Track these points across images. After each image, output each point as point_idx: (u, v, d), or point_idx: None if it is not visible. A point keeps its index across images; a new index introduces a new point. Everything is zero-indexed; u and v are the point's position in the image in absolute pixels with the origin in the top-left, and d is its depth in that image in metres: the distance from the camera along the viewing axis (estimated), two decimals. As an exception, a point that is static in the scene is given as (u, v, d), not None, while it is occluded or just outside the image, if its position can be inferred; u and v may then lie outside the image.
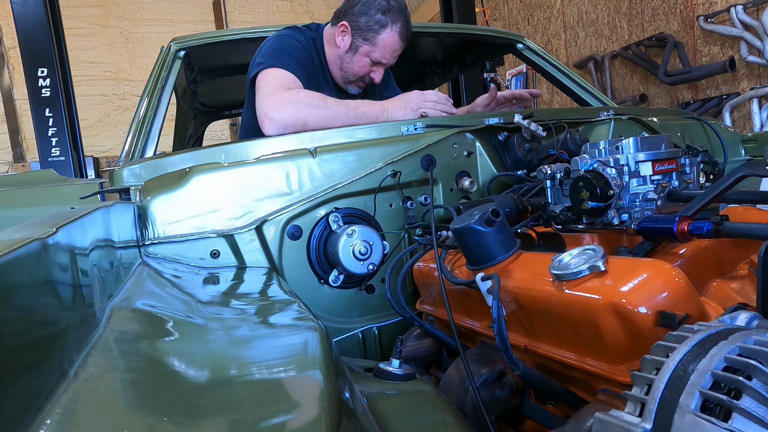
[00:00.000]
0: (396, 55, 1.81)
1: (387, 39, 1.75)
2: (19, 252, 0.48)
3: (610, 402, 0.71)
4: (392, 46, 1.77)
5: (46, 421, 0.42)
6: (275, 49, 1.71)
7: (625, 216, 0.90)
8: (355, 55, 1.77)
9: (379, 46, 1.75)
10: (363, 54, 1.77)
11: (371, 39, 1.74)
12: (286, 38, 1.77)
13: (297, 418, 0.46)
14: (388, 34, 1.75)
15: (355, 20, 1.74)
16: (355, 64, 1.79)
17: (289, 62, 1.66)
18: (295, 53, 1.71)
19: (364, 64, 1.79)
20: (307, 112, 1.46)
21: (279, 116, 1.45)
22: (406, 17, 1.77)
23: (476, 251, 0.91)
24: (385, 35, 1.74)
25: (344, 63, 1.80)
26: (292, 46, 1.73)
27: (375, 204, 1.30)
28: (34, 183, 2.09)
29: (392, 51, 1.78)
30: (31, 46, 3.89)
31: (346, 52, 1.78)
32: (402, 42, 1.77)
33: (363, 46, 1.75)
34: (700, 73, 4.09)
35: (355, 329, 1.31)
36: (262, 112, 1.49)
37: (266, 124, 1.46)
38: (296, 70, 1.65)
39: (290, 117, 1.45)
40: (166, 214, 1.17)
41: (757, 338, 0.47)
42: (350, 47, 1.77)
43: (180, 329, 0.71)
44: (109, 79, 7.04)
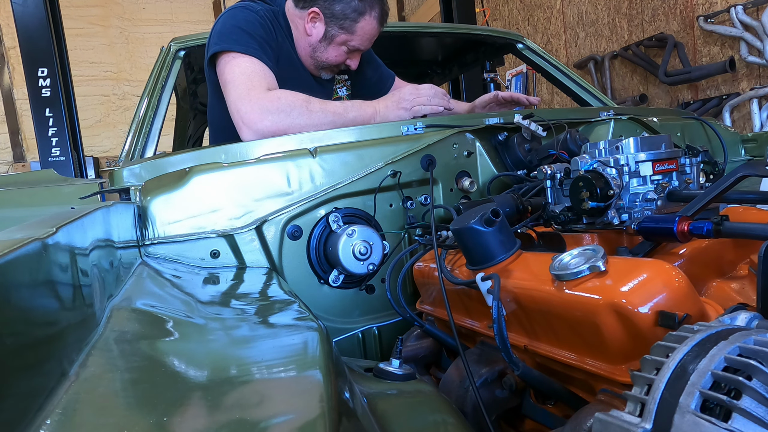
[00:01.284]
0: (374, 40, 1.70)
1: (366, 26, 1.62)
2: (19, 252, 0.48)
3: (610, 402, 0.71)
4: (371, 33, 1.65)
5: (46, 421, 0.42)
6: (231, 28, 1.55)
7: (625, 216, 0.90)
8: (330, 44, 1.64)
9: (357, 35, 1.62)
10: (339, 43, 1.64)
11: (348, 27, 1.61)
12: (240, 11, 1.60)
13: (297, 418, 0.46)
14: (367, 22, 1.62)
15: (329, 7, 1.59)
16: (330, 54, 1.66)
17: (250, 44, 1.51)
18: (254, 30, 1.55)
19: (339, 53, 1.66)
20: (289, 122, 1.38)
21: (259, 126, 1.38)
22: (381, 0, 1.65)
23: (476, 251, 0.91)
24: (364, 23, 1.61)
25: (317, 52, 1.66)
26: (249, 21, 1.56)
27: (375, 204, 1.30)
28: (34, 183, 2.09)
29: (371, 38, 1.67)
30: (31, 46, 3.89)
31: (320, 41, 1.63)
32: (380, 27, 1.66)
33: (339, 35, 1.61)
34: (700, 73, 4.09)
35: (355, 329, 1.31)
36: (239, 118, 1.41)
37: (244, 132, 1.41)
38: (260, 53, 1.51)
39: (271, 127, 1.38)
40: (166, 214, 1.17)
41: (757, 338, 0.47)
42: (324, 36, 1.63)
43: (180, 329, 0.71)
44: (109, 79, 7.05)
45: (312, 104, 1.42)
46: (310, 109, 1.41)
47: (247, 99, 1.41)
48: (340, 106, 1.46)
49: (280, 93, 1.44)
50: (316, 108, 1.42)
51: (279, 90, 1.46)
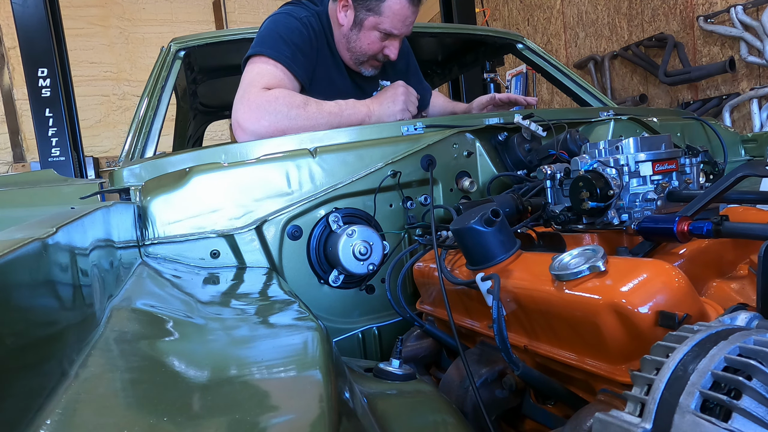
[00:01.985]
0: (409, 23, 1.57)
1: (394, 5, 1.50)
2: (19, 252, 0.48)
3: (610, 402, 0.70)
4: (401, 12, 1.52)
5: (46, 421, 0.42)
6: (269, 32, 1.53)
7: (625, 216, 0.90)
8: (361, 30, 1.54)
9: (386, 15, 1.51)
10: (370, 27, 1.53)
11: (375, 8, 1.51)
12: (283, 17, 1.57)
13: (297, 418, 0.46)
14: (395, 1, 1.50)
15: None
16: (363, 41, 1.56)
17: (282, 49, 1.48)
18: (291, 37, 1.51)
19: (373, 40, 1.56)
20: (286, 124, 1.36)
21: (254, 128, 1.37)
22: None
23: (476, 251, 0.91)
24: (391, 1, 1.50)
25: (351, 42, 1.57)
26: (288, 28, 1.53)
27: (375, 204, 1.30)
28: (34, 183, 2.09)
29: (403, 18, 1.54)
30: (31, 47, 3.89)
31: (351, 28, 1.55)
32: (413, 6, 1.53)
33: (368, 17, 1.52)
34: (700, 73, 4.09)
35: (355, 329, 1.31)
36: (235, 119, 1.39)
37: (239, 134, 1.39)
38: (290, 59, 1.48)
39: (267, 129, 1.36)
40: (166, 214, 1.17)
41: (757, 338, 0.47)
42: (354, 22, 1.54)
43: (180, 329, 0.71)
44: (109, 79, 7.04)
45: (308, 105, 1.40)
46: (307, 111, 1.39)
47: (246, 100, 1.39)
48: (335, 107, 1.44)
49: (277, 93, 1.41)
50: (312, 109, 1.40)
51: (277, 90, 1.43)
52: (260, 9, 7.60)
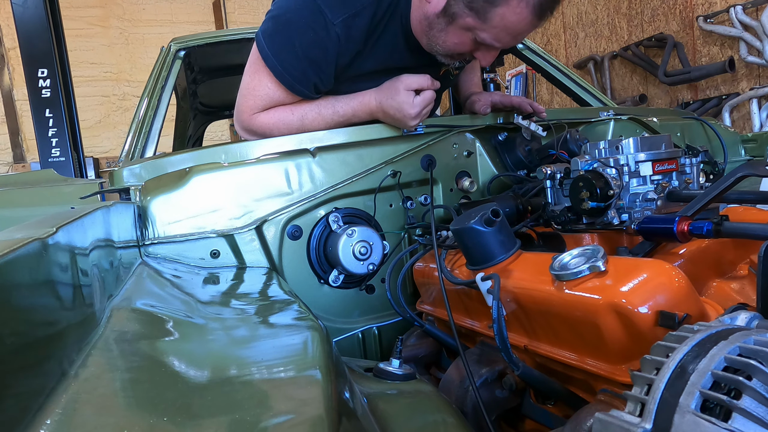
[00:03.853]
0: (521, 38, 1.19)
1: (509, 17, 1.09)
2: (19, 252, 0.48)
3: (610, 402, 0.70)
4: (517, 27, 1.12)
5: (46, 421, 0.42)
6: (282, 38, 1.24)
7: (625, 216, 0.90)
8: (450, 25, 1.16)
9: (492, 25, 1.11)
10: (463, 27, 1.15)
11: (480, 10, 1.10)
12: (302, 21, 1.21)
13: (297, 418, 0.46)
14: (513, 10, 1.08)
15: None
16: (450, 38, 1.19)
17: (294, 65, 1.24)
18: (308, 51, 1.22)
19: (463, 41, 1.19)
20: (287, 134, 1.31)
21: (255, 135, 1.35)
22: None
23: (476, 251, 0.91)
24: (507, 10, 1.08)
25: (433, 29, 1.20)
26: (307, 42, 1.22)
27: (375, 204, 1.30)
28: (34, 183, 2.09)
29: (515, 34, 1.14)
30: (31, 47, 3.89)
31: (438, 16, 1.16)
32: (536, 20, 1.11)
33: (465, 17, 1.12)
34: (700, 73, 4.09)
35: (355, 329, 1.31)
36: (239, 125, 1.36)
37: (242, 134, 1.39)
38: (296, 80, 1.26)
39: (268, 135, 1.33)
40: (166, 214, 1.17)
41: (757, 338, 0.47)
42: (444, 12, 1.15)
43: (180, 329, 0.71)
44: (109, 79, 7.04)
45: (305, 119, 1.32)
46: (305, 124, 1.31)
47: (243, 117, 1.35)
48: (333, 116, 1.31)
49: (272, 119, 1.32)
50: (309, 126, 1.32)
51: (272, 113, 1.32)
52: (260, 9, 7.60)
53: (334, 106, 1.33)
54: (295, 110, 1.33)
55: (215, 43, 2.19)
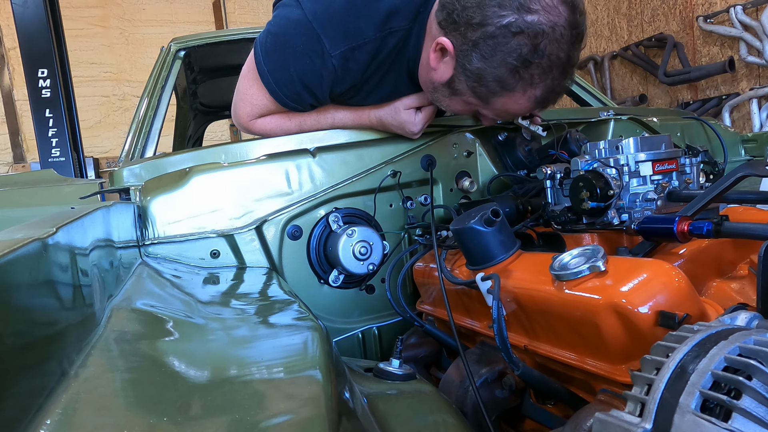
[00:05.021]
0: (522, 115, 1.25)
1: (509, 105, 1.11)
2: (19, 252, 0.48)
3: (610, 402, 0.70)
4: (517, 112, 1.16)
5: (46, 421, 0.42)
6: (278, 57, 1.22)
7: (625, 216, 0.90)
8: (453, 97, 1.16)
9: (494, 108, 1.13)
10: (464, 102, 1.16)
11: (483, 96, 1.10)
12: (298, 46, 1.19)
13: (297, 418, 0.46)
14: (514, 101, 1.09)
15: (465, 55, 1.06)
16: (453, 105, 1.19)
17: (288, 87, 1.23)
18: (303, 77, 1.21)
19: (466, 110, 1.20)
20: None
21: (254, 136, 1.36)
22: (562, 70, 1.05)
23: (476, 251, 0.91)
24: (508, 100, 1.09)
25: (437, 93, 1.19)
26: (303, 69, 1.21)
27: (375, 204, 1.30)
28: (34, 183, 2.09)
29: (513, 115, 1.19)
30: (31, 47, 3.89)
31: (443, 85, 1.15)
32: (537, 108, 1.14)
33: (468, 96, 1.13)
34: (700, 73, 4.09)
35: (355, 329, 1.31)
36: (239, 126, 1.37)
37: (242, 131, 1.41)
38: (292, 100, 1.26)
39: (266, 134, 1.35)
40: (166, 214, 1.17)
41: (757, 338, 0.47)
42: (448, 85, 1.14)
43: (180, 329, 0.71)
44: (109, 80, 7.04)
45: (304, 126, 1.33)
46: (303, 130, 1.33)
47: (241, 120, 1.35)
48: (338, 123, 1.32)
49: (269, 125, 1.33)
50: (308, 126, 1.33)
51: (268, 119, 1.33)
52: (260, 9, 7.60)
53: (334, 117, 1.33)
54: (293, 117, 1.33)
55: (215, 43, 2.19)
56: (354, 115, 1.33)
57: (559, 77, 1.06)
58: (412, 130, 1.28)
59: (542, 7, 0.99)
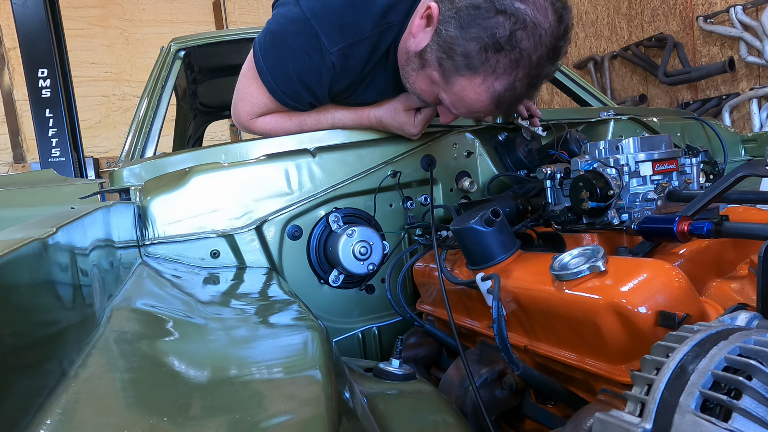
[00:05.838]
0: (475, 113, 1.14)
1: (468, 92, 1.06)
2: (19, 252, 0.48)
3: (610, 402, 0.70)
4: (472, 104, 1.09)
5: (46, 421, 0.42)
6: (277, 56, 1.21)
7: (625, 216, 0.90)
8: (421, 70, 1.12)
9: (452, 91, 1.09)
10: (427, 77, 1.12)
11: (446, 72, 1.06)
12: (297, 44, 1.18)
13: (297, 418, 0.46)
14: (471, 86, 1.05)
15: (446, 23, 1.04)
16: (418, 82, 1.15)
17: (287, 85, 1.23)
18: (302, 75, 1.21)
19: (427, 91, 1.15)
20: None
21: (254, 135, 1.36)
22: (527, 72, 1.02)
23: (476, 251, 0.91)
24: (467, 84, 1.05)
25: (408, 66, 1.16)
26: (302, 67, 1.20)
27: (375, 204, 1.30)
28: (35, 183, 2.09)
29: (470, 109, 1.11)
30: (31, 47, 3.89)
31: (415, 55, 1.12)
32: (493, 107, 1.09)
33: (433, 70, 1.09)
34: (700, 73, 4.09)
35: (355, 329, 1.31)
36: (238, 125, 1.37)
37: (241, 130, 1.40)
38: (291, 98, 1.26)
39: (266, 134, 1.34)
40: (166, 214, 1.17)
41: (757, 338, 0.47)
42: (420, 54, 1.11)
43: (180, 329, 0.71)
44: (109, 79, 7.04)
45: (304, 125, 1.32)
46: (303, 130, 1.32)
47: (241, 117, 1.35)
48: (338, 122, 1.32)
49: (268, 125, 1.33)
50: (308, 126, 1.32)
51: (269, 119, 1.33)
52: (260, 9, 7.60)
53: (334, 116, 1.33)
54: (293, 117, 1.33)
55: (215, 43, 2.19)
56: (354, 115, 1.32)
57: (522, 79, 1.03)
58: (411, 131, 1.28)
59: (534, 3, 0.99)
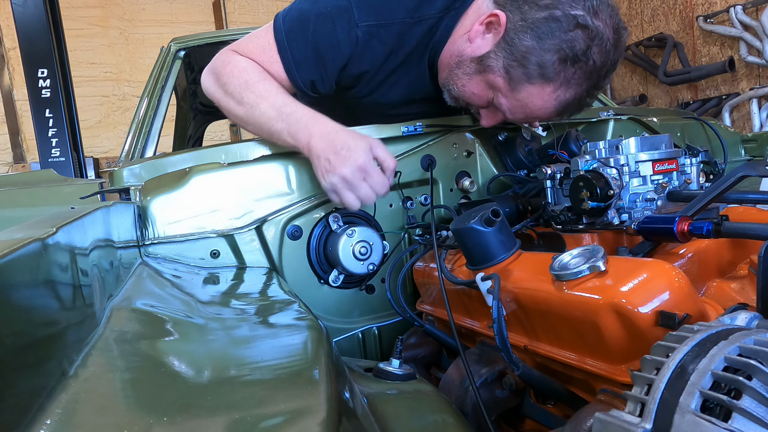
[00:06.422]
0: (531, 120, 1.19)
1: (535, 99, 1.07)
2: (19, 252, 0.48)
3: (610, 402, 0.70)
4: (534, 111, 1.10)
5: (46, 421, 0.42)
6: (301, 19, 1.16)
7: (625, 216, 0.90)
8: (478, 74, 1.11)
9: (516, 97, 1.09)
10: (488, 83, 1.11)
11: (514, 80, 1.06)
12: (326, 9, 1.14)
13: (297, 418, 0.46)
14: (540, 95, 1.07)
15: (519, 33, 1.03)
16: (470, 86, 1.13)
17: (299, 45, 1.15)
18: (320, 40, 1.15)
19: (480, 95, 1.14)
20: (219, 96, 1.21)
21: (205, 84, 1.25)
22: (594, 83, 1.08)
23: (476, 251, 0.91)
24: (535, 91, 1.06)
25: (459, 69, 1.14)
26: (323, 32, 1.14)
27: (375, 204, 1.30)
28: (34, 183, 2.09)
29: (529, 115, 1.12)
30: (31, 47, 3.89)
31: (472, 60, 1.10)
32: (555, 113, 1.12)
33: (497, 76, 1.07)
34: (700, 73, 4.10)
35: (355, 329, 1.31)
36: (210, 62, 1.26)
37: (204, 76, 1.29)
38: (299, 64, 1.17)
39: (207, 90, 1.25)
40: (166, 214, 1.17)
41: (757, 338, 0.47)
42: (480, 59, 1.09)
43: (180, 329, 0.71)
44: (109, 80, 7.04)
45: (252, 89, 1.15)
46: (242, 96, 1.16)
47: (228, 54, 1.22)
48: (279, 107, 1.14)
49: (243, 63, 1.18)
50: (249, 98, 1.15)
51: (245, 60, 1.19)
52: (260, 10, 7.60)
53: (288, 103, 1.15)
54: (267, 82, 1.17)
55: (215, 43, 2.19)
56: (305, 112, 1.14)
57: (588, 90, 1.09)
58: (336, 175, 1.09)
59: (604, 20, 1.04)
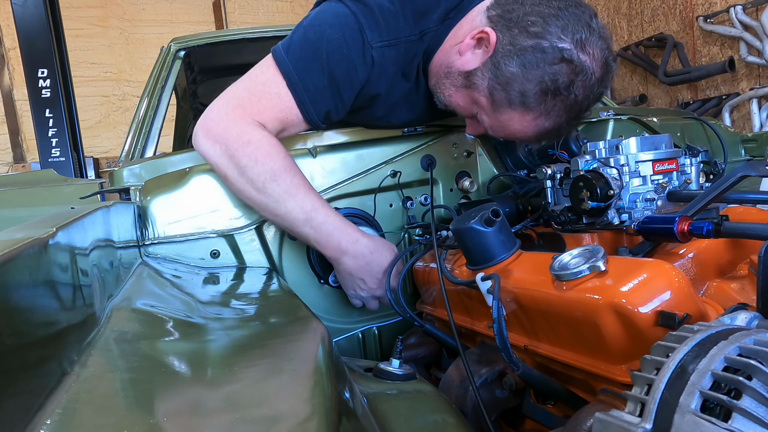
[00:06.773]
0: (513, 139, 1.21)
1: (515, 123, 1.09)
2: (19, 252, 0.48)
3: (610, 402, 0.70)
4: (514, 133, 1.12)
5: (46, 421, 0.42)
6: (309, 49, 1.10)
7: (625, 216, 0.90)
8: (462, 89, 1.12)
9: (497, 118, 1.10)
10: (471, 98, 1.11)
11: (496, 102, 1.06)
12: (337, 35, 1.10)
13: (297, 418, 0.46)
14: (520, 120, 1.08)
15: (506, 57, 1.03)
16: (456, 97, 1.14)
17: (312, 76, 1.10)
18: (336, 66, 1.10)
19: (465, 107, 1.15)
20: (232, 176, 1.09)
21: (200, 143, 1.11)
22: (575, 115, 1.08)
23: (476, 251, 0.91)
24: (516, 117, 1.07)
25: (447, 80, 1.14)
26: (338, 58, 1.10)
27: (375, 204, 1.30)
28: (34, 183, 2.09)
29: (509, 135, 1.14)
30: (31, 47, 3.89)
31: (460, 74, 1.10)
32: (534, 139, 1.14)
33: (479, 94, 1.08)
34: (700, 73, 4.10)
35: (355, 329, 1.31)
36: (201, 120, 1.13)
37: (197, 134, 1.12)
38: (311, 100, 1.11)
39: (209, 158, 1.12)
40: (166, 214, 1.17)
41: (757, 338, 0.47)
42: (467, 75, 1.09)
43: (180, 329, 0.71)
44: (109, 80, 7.04)
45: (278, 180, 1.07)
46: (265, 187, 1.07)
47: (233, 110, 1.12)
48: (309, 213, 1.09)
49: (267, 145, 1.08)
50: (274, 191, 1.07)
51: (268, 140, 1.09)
52: (260, 10, 7.60)
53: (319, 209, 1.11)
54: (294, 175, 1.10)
55: (215, 43, 2.19)
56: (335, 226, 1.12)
57: (568, 121, 1.09)
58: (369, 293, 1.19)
59: (591, 54, 1.03)
